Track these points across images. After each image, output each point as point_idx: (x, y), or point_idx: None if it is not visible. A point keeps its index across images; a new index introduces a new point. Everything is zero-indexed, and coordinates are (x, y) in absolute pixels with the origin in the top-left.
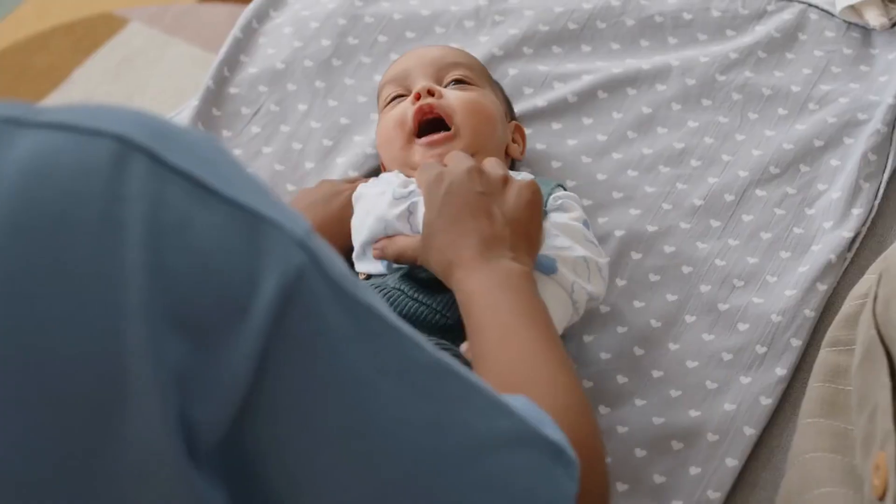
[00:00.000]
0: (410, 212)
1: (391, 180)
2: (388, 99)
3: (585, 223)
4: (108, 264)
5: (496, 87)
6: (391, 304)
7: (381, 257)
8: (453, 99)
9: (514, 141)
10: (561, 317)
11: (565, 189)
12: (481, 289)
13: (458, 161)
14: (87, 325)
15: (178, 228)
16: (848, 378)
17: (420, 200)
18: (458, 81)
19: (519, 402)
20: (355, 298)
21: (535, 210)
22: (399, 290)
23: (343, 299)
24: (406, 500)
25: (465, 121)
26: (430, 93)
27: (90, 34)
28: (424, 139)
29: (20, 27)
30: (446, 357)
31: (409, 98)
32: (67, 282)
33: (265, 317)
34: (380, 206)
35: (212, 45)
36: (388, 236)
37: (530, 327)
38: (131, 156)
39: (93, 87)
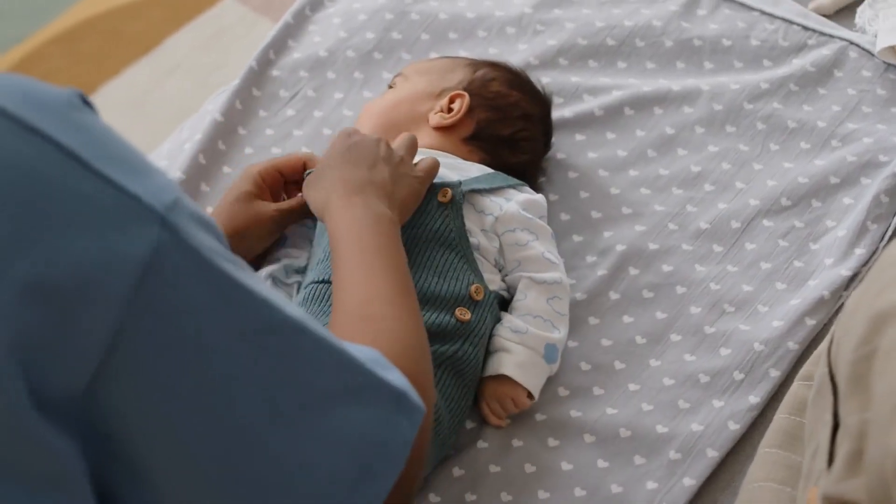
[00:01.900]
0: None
1: None
2: None
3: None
4: None
5: (435, 72)
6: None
7: None
8: None
9: (442, 110)
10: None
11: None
12: (351, 222)
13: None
14: None
15: (43, 198)
16: None
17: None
18: None
19: (365, 353)
20: (213, 268)
21: (416, 196)
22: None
23: (202, 270)
24: (252, 452)
25: (364, 125)
26: None
27: (186, 6)
28: None
29: None
30: (300, 316)
31: None
32: None
33: (122, 288)
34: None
35: None
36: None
37: (389, 268)
38: (3, 124)
39: (180, 57)
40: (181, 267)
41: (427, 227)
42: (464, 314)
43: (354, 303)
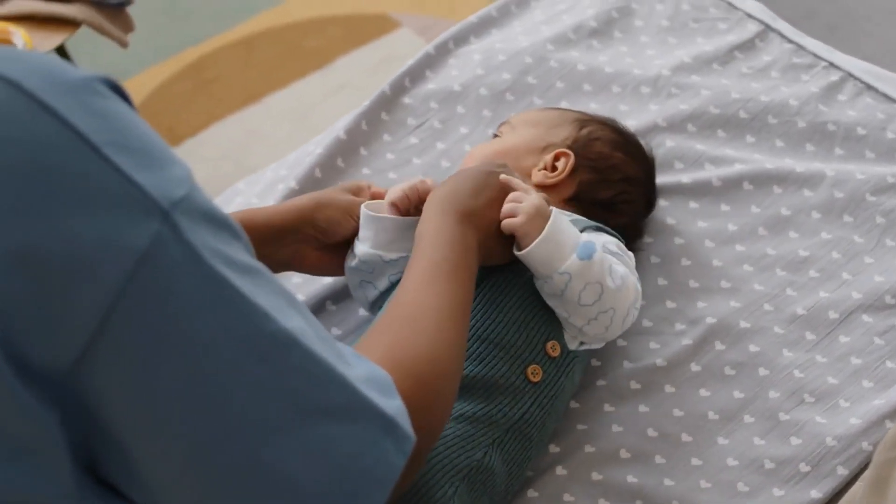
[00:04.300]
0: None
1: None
2: None
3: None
4: None
5: (543, 124)
6: None
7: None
8: None
9: (546, 168)
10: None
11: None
12: (437, 233)
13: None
14: None
15: (46, 174)
16: None
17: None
18: None
19: (373, 373)
20: (211, 269)
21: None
22: None
23: (199, 269)
24: (230, 454)
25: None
26: None
27: (364, 29)
28: None
29: (298, 10)
30: (298, 330)
31: None
32: None
33: (115, 275)
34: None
35: None
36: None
37: (452, 288)
38: (20, 100)
39: (350, 76)
40: (178, 263)
41: (518, 274)
42: (535, 374)
43: (408, 304)
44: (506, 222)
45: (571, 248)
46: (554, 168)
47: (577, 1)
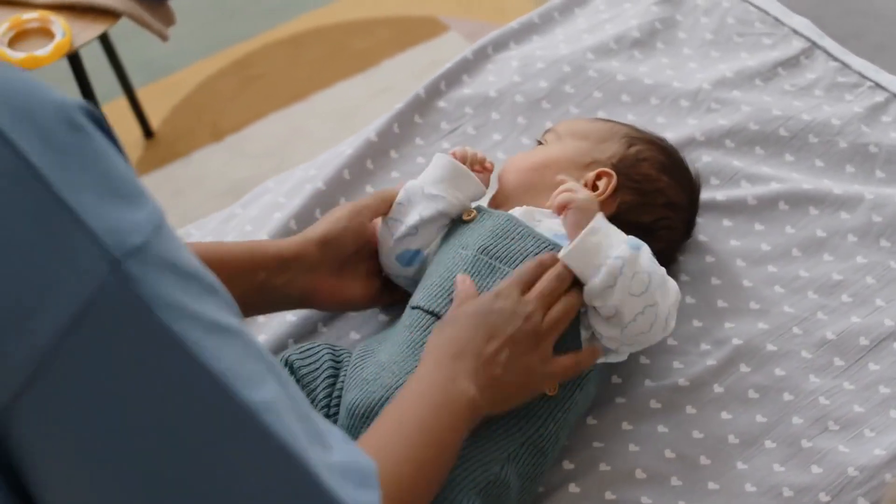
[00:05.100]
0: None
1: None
2: None
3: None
4: None
5: (591, 137)
6: None
7: None
8: None
9: (585, 185)
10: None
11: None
12: (427, 384)
13: (530, 301)
14: None
15: None
16: None
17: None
18: None
19: (348, 459)
20: (160, 325)
21: (524, 391)
22: None
23: (147, 324)
24: None
25: (508, 178)
26: None
27: (411, 32)
28: None
29: (347, 10)
30: (268, 404)
31: None
32: None
33: (52, 324)
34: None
35: None
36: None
37: (424, 450)
38: None
39: (395, 79)
40: (122, 317)
41: None
42: (552, 387)
43: (385, 459)
44: (566, 196)
45: (621, 239)
46: (595, 187)
47: (622, 10)
